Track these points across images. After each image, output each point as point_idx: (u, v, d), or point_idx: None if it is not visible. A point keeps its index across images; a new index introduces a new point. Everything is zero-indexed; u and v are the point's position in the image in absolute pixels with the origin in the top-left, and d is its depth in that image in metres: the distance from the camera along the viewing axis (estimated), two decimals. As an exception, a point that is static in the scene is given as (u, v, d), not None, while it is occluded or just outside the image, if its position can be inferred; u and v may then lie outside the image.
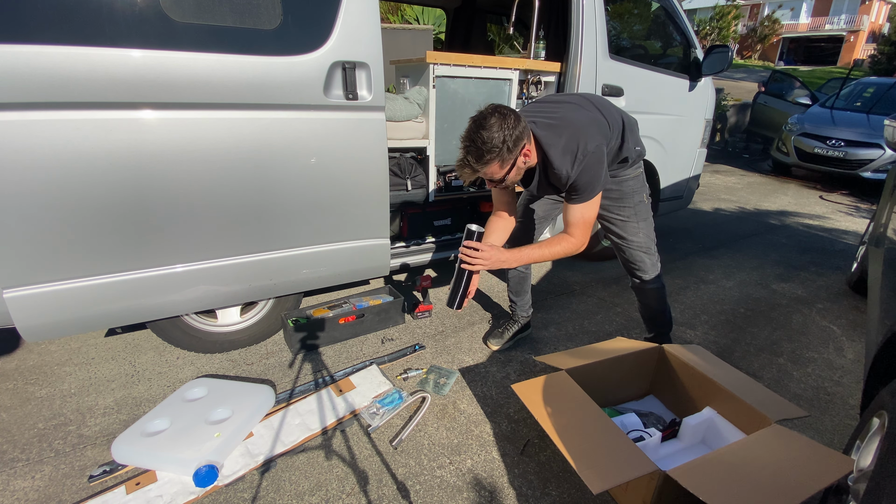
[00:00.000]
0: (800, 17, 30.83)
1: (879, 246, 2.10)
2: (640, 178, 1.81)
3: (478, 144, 1.36)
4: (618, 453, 1.26)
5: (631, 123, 1.72)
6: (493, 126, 1.34)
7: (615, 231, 1.87)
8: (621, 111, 1.72)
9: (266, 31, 1.60)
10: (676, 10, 2.92)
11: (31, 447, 1.58)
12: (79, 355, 2.10)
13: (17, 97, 1.32)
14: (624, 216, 1.82)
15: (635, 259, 1.89)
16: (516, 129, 1.37)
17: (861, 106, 6.33)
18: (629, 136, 1.68)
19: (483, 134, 1.35)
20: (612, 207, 1.82)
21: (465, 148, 1.41)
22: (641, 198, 1.83)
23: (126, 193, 1.53)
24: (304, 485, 1.46)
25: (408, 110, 2.23)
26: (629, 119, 1.73)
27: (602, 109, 1.61)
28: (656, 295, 1.97)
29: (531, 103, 1.70)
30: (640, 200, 1.82)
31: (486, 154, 1.36)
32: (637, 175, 1.80)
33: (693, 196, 3.64)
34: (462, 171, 1.44)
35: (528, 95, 2.56)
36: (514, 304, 2.21)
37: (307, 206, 1.86)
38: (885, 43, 18.21)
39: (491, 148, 1.35)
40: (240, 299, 1.96)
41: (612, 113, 1.64)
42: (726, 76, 18.23)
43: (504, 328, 2.22)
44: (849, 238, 4.14)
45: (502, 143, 1.35)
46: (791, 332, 2.47)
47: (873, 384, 1.43)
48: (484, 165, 1.39)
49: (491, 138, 1.34)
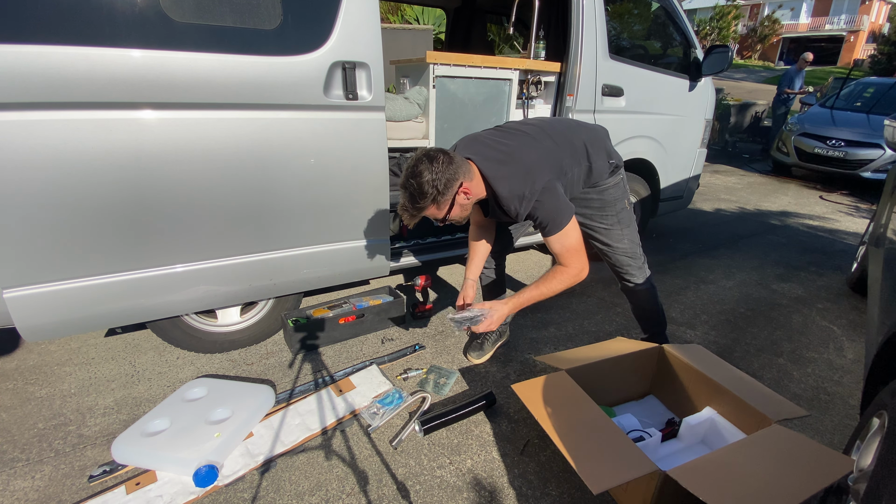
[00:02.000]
0: (800, 17, 30.85)
1: (879, 246, 2.10)
2: (620, 186, 1.77)
3: (410, 190, 1.41)
4: (618, 453, 1.26)
5: (598, 139, 1.69)
6: (423, 172, 1.38)
7: (600, 239, 1.85)
8: (582, 129, 1.69)
9: (266, 31, 1.60)
10: (676, 10, 2.92)
11: (31, 447, 1.58)
12: (79, 355, 2.10)
13: (17, 97, 1.32)
14: (607, 224, 1.80)
15: (622, 264, 1.89)
16: (447, 171, 1.39)
17: (861, 106, 6.33)
18: (597, 154, 1.66)
19: (412, 181, 1.39)
20: (594, 216, 1.80)
21: (401, 193, 1.45)
22: (624, 204, 1.80)
23: (126, 193, 1.53)
24: (304, 485, 1.46)
25: (408, 110, 2.24)
26: (595, 135, 1.70)
27: (556, 138, 1.59)
28: (647, 296, 1.97)
29: (486, 130, 1.69)
30: (623, 207, 1.79)
31: (419, 198, 1.40)
32: (618, 182, 1.76)
33: (693, 196, 3.64)
34: (402, 215, 1.48)
35: (528, 95, 2.56)
36: None
37: (307, 206, 1.86)
38: (885, 43, 18.21)
39: (422, 193, 1.38)
40: (240, 299, 1.96)
41: (568, 140, 1.61)
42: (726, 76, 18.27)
43: (483, 339, 2.14)
44: (849, 238, 4.14)
45: (433, 187, 1.38)
46: (791, 332, 2.47)
47: (873, 384, 1.43)
48: (418, 210, 1.44)
49: (421, 184, 1.38)
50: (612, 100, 2.70)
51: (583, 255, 1.56)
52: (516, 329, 2.38)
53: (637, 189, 3.07)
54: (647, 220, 3.36)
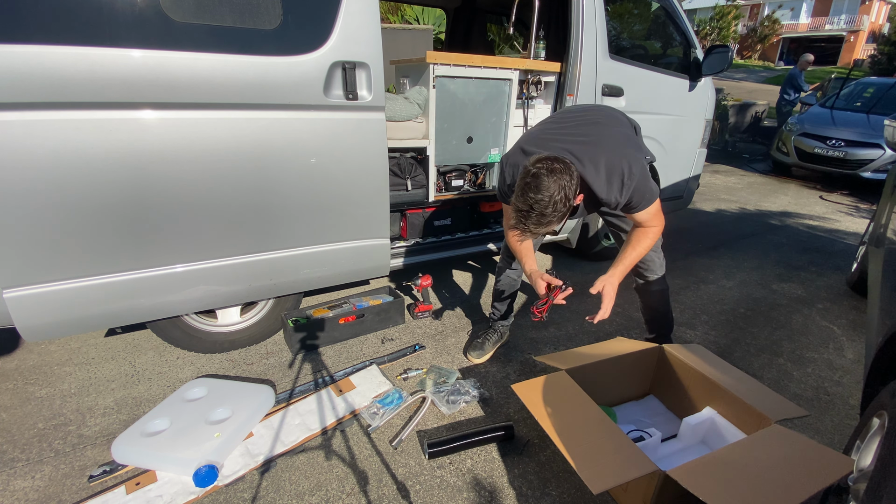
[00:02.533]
0: (800, 17, 30.84)
1: (879, 246, 2.10)
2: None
3: (538, 210, 1.25)
4: (618, 453, 1.26)
5: (638, 129, 1.73)
6: (552, 187, 1.23)
7: (627, 230, 1.83)
8: (631, 119, 1.71)
9: (266, 31, 1.60)
10: (676, 10, 2.92)
11: (31, 447, 1.58)
12: (79, 355, 2.10)
13: (17, 97, 1.32)
14: None
15: (646, 259, 1.86)
16: (572, 181, 1.27)
17: (861, 106, 6.33)
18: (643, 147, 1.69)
19: (542, 198, 1.24)
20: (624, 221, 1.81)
21: (522, 214, 1.29)
22: None
23: (126, 193, 1.53)
24: (304, 485, 1.46)
25: (408, 110, 2.24)
26: (637, 126, 1.73)
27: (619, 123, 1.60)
28: (660, 297, 1.97)
29: (552, 123, 1.61)
30: None
31: (549, 217, 1.26)
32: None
33: (693, 196, 3.64)
34: (521, 236, 1.38)
35: (528, 95, 2.56)
36: (497, 311, 2.15)
37: (307, 206, 1.86)
38: (885, 43, 18.19)
39: (554, 211, 1.26)
40: (240, 299, 1.96)
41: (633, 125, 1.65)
42: (726, 76, 18.25)
43: (483, 339, 2.14)
44: (849, 238, 4.14)
45: (564, 203, 1.26)
46: (791, 332, 2.47)
47: (873, 384, 1.43)
48: (545, 228, 1.31)
49: (553, 201, 1.24)
50: (612, 100, 2.70)
51: (660, 209, 1.57)
52: (516, 329, 2.38)
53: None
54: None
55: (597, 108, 1.67)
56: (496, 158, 2.64)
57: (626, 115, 1.72)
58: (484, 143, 2.55)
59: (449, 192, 2.58)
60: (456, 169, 2.58)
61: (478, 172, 2.71)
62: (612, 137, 1.49)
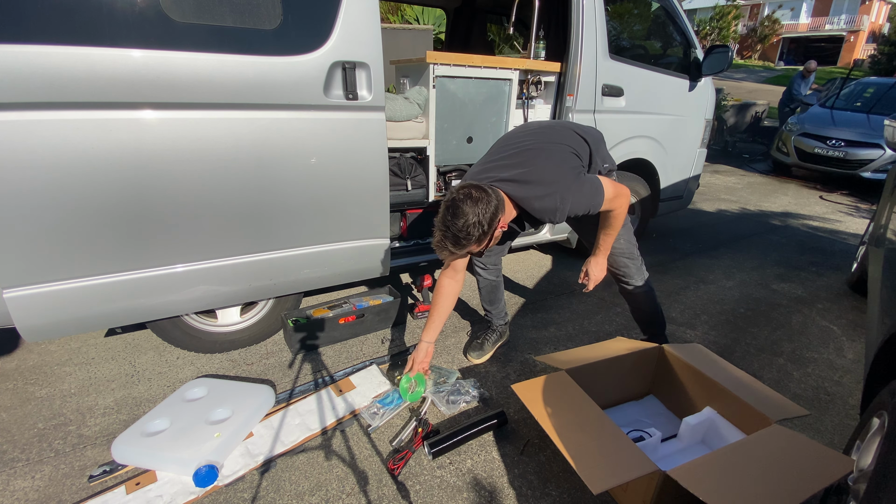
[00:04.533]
0: (800, 17, 30.84)
1: (879, 246, 2.10)
2: None
3: (453, 232, 1.36)
4: (618, 453, 1.26)
5: (595, 141, 1.74)
6: (467, 213, 1.34)
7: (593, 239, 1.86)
8: (582, 132, 1.72)
9: (266, 31, 1.60)
10: (676, 10, 2.92)
11: (31, 447, 1.58)
12: (79, 355, 2.10)
13: (17, 97, 1.32)
14: None
15: (619, 265, 1.89)
16: (488, 209, 1.37)
17: (861, 106, 6.33)
18: (595, 157, 1.71)
19: (457, 222, 1.35)
20: (590, 218, 1.78)
21: (441, 233, 1.40)
22: None
23: (126, 193, 1.53)
24: (304, 485, 1.46)
25: (408, 110, 2.23)
26: (593, 137, 1.74)
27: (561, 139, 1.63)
28: (645, 298, 1.97)
29: (490, 154, 1.67)
30: None
31: (464, 241, 1.37)
32: None
33: (693, 196, 3.64)
34: (441, 253, 1.45)
35: (528, 95, 2.56)
36: (490, 313, 2.15)
37: (307, 206, 1.86)
38: (885, 43, 18.18)
39: (467, 235, 1.36)
40: (240, 299, 1.96)
41: (576, 140, 1.66)
42: (726, 76, 18.26)
43: (483, 339, 2.15)
44: (849, 238, 4.14)
45: (478, 228, 1.36)
46: (791, 332, 2.47)
47: (873, 384, 1.43)
48: (462, 250, 1.41)
49: (466, 226, 1.34)
50: (612, 100, 2.70)
51: (620, 188, 1.59)
52: (516, 329, 2.38)
53: (637, 189, 3.07)
54: (648, 220, 3.36)
55: (539, 131, 1.68)
56: (496, 158, 2.64)
57: (574, 130, 1.71)
58: (484, 143, 2.54)
59: (449, 192, 2.58)
60: (456, 169, 2.58)
61: (478, 172, 2.71)
62: (542, 170, 1.52)
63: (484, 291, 2.09)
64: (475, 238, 1.37)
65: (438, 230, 1.42)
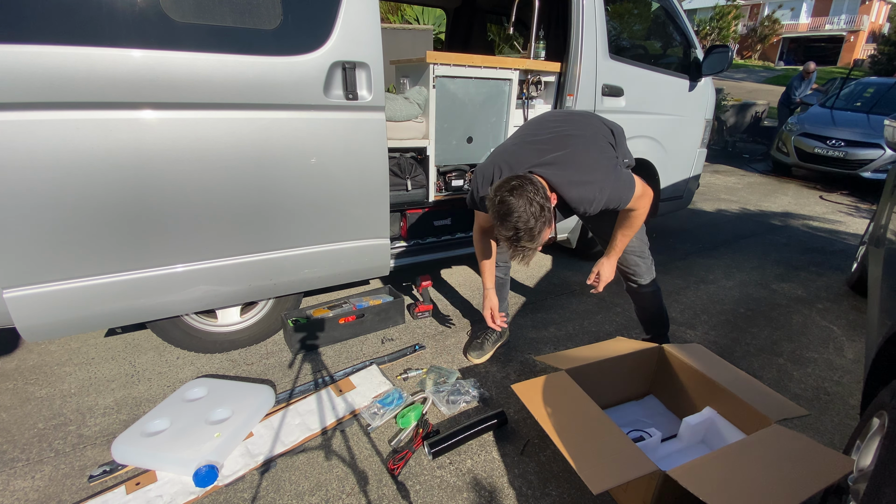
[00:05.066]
0: (800, 17, 30.84)
1: (879, 246, 2.10)
2: None
3: (523, 228, 1.30)
4: (618, 453, 1.26)
5: (619, 135, 1.74)
6: (521, 204, 1.28)
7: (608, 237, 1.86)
8: (609, 124, 1.72)
9: (266, 31, 1.60)
10: (676, 10, 2.92)
11: (31, 447, 1.58)
12: (79, 355, 2.10)
13: (17, 97, 1.32)
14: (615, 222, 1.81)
15: (630, 263, 1.89)
16: (537, 190, 1.32)
17: (861, 106, 6.33)
18: (618, 151, 1.70)
19: (519, 216, 1.29)
20: (605, 215, 1.80)
21: (512, 239, 1.33)
22: None
23: (126, 193, 1.53)
24: (304, 485, 1.46)
25: (408, 110, 2.23)
26: (618, 130, 1.74)
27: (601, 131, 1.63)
28: (652, 298, 1.97)
29: (528, 135, 1.63)
30: None
31: (536, 229, 1.30)
32: None
33: (693, 196, 3.64)
34: (522, 258, 1.39)
35: (528, 95, 2.56)
36: None
37: (307, 206, 1.86)
38: (885, 43, 18.19)
39: (536, 223, 1.30)
40: (240, 299, 1.96)
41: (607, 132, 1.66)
42: (726, 76, 18.25)
43: (483, 339, 2.14)
44: (849, 238, 4.14)
45: (541, 211, 1.30)
46: (791, 332, 2.47)
47: (873, 384, 1.43)
48: (538, 239, 1.34)
49: (531, 215, 1.29)
50: (612, 100, 2.70)
51: (646, 188, 1.60)
52: (516, 329, 2.38)
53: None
54: (648, 220, 3.36)
55: (571, 119, 1.66)
56: (496, 158, 2.64)
57: (602, 121, 1.71)
58: (484, 143, 2.55)
59: (449, 192, 2.58)
60: (456, 169, 2.58)
61: (478, 172, 2.71)
62: (582, 157, 1.51)
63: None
64: (544, 220, 1.31)
65: (505, 239, 1.34)
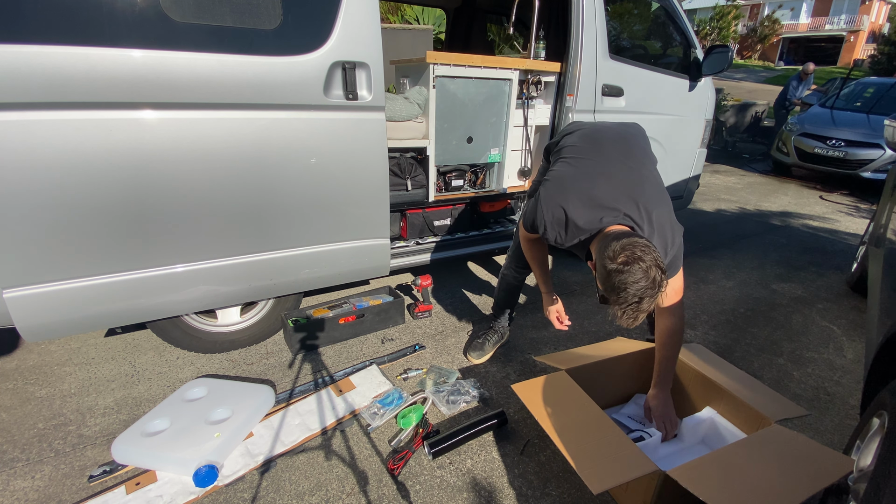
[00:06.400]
0: (800, 17, 30.84)
1: (879, 246, 2.10)
2: None
3: (649, 294, 1.20)
4: (618, 453, 1.26)
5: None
6: (640, 271, 1.19)
7: None
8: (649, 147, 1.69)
9: (266, 31, 1.60)
10: (676, 10, 2.92)
11: (31, 447, 1.58)
12: (79, 355, 2.10)
13: (17, 97, 1.32)
14: None
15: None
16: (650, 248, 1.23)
17: (861, 106, 6.33)
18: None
19: (642, 282, 1.19)
20: None
21: (635, 305, 1.22)
22: None
23: (126, 193, 1.53)
24: (304, 485, 1.46)
25: (408, 110, 2.23)
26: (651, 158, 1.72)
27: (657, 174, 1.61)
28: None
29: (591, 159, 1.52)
30: None
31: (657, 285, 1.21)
32: None
33: (693, 196, 3.64)
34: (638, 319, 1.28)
35: (528, 95, 2.56)
36: (499, 314, 2.15)
37: (307, 206, 1.86)
38: (885, 43, 18.20)
39: (660, 280, 1.21)
40: (240, 299, 1.96)
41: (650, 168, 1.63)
42: (726, 76, 18.26)
43: (483, 339, 2.14)
44: (849, 238, 4.14)
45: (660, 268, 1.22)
46: (791, 332, 2.47)
47: (873, 384, 1.43)
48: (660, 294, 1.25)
49: (653, 279, 1.20)
50: (612, 100, 2.70)
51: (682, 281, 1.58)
52: (516, 329, 2.38)
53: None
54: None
55: (627, 138, 1.61)
56: (496, 158, 2.64)
57: (644, 133, 1.70)
58: (484, 143, 2.55)
59: (449, 192, 2.58)
60: (456, 169, 2.58)
61: (478, 172, 2.71)
62: (659, 195, 1.48)
63: (505, 292, 2.09)
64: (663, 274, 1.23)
65: (627, 305, 1.22)
